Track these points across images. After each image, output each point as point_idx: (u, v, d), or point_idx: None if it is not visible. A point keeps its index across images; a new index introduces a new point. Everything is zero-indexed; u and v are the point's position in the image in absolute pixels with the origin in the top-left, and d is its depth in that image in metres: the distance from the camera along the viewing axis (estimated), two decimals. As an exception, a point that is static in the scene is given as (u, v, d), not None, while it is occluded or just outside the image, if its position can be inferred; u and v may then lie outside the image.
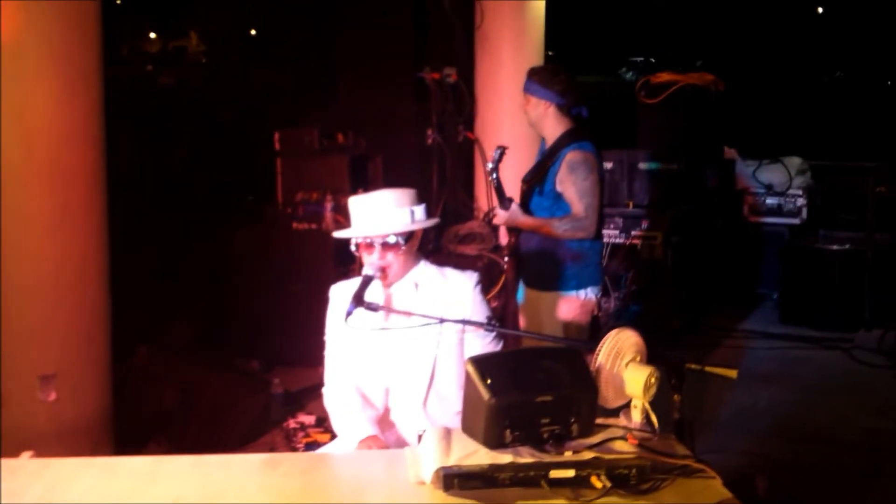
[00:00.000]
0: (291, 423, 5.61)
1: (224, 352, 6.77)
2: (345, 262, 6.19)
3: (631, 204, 7.73)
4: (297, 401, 5.99)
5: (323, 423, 5.49)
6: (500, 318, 4.79)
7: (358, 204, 3.33)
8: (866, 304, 7.83)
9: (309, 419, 5.63)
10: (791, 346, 7.60)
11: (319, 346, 3.57)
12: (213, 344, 6.90)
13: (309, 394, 6.01)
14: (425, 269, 3.42)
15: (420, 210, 3.34)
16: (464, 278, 3.43)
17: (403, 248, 3.31)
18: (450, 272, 3.44)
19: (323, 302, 3.51)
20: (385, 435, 3.34)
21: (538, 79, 4.73)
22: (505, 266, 4.78)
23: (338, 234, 3.40)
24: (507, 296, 4.92)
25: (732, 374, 3.02)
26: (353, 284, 3.33)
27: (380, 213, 3.27)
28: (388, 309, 3.32)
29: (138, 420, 5.37)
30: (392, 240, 3.28)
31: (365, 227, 3.29)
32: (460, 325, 3.30)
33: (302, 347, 6.22)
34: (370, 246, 3.29)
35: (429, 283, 3.38)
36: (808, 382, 6.72)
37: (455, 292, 3.38)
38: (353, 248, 3.36)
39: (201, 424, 5.47)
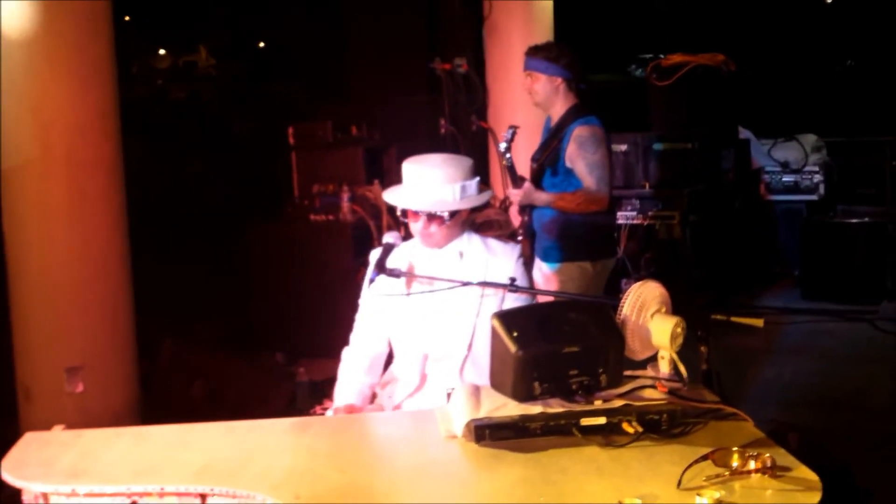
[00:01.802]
0: (318, 410, 5.59)
1: (248, 346, 6.77)
2: (363, 251, 6.19)
3: (647, 185, 7.70)
4: (322, 390, 5.95)
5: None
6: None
7: (410, 170, 3.29)
8: (888, 275, 7.81)
9: (335, 405, 5.62)
10: (815, 319, 7.55)
11: (343, 336, 3.57)
12: (237, 339, 6.90)
13: (334, 383, 5.98)
14: (470, 239, 3.39)
15: (472, 184, 3.27)
16: (507, 250, 3.41)
17: (448, 222, 3.27)
18: (494, 243, 3.41)
19: (342, 291, 3.51)
20: (417, 398, 3.35)
21: (545, 56, 4.69)
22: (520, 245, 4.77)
23: (387, 198, 3.35)
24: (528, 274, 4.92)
25: (759, 322, 3.01)
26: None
27: (429, 187, 3.22)
28: (410, 274, 3.32)
29: (165, 413, 5.36)
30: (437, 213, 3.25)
31: (412, 198, 3.25)
32: (501, 295, 3.29)
33: (325, 338, 6.17)
34: (416, 214, 3.27)
35: (473, 254, 3.36)
36: (834, 353, 6.69)
37: (498, 263, 3.35)
38: (399, 213, 3.34)
39: (227, 415, 5.47)
